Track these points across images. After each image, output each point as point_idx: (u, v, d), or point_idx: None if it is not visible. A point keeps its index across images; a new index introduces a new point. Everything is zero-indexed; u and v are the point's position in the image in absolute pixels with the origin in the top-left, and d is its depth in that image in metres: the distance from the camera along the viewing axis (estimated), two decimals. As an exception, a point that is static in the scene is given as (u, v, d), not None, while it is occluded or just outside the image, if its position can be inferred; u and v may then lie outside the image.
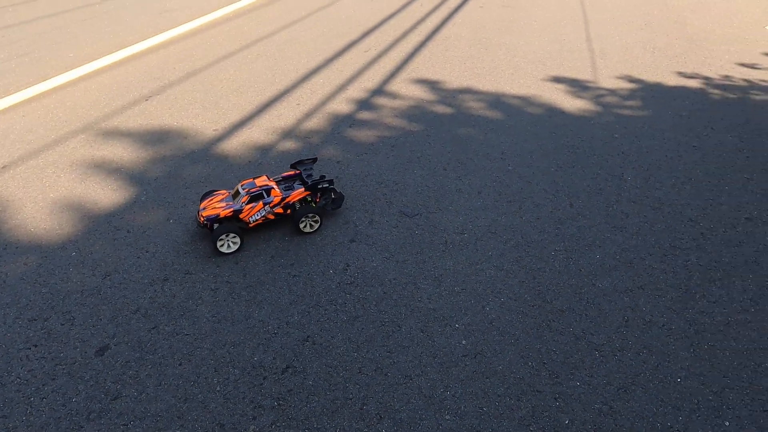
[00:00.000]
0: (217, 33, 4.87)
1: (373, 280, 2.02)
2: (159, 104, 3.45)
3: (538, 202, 2.51)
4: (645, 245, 2.23)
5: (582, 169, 2.79)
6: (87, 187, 2.57)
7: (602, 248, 2.21)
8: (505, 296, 1.95)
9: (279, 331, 1.80)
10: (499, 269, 2.09)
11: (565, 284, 2.01)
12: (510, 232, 2.30)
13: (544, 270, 2.08)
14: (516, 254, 2.17)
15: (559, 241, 2.24)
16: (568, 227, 2.34)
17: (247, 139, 3.04)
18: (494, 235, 2.28)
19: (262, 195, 2.18)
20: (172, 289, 1.96)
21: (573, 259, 2.15)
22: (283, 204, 2.22)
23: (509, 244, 2.22)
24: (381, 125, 3.22)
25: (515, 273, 2.07)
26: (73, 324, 1.81)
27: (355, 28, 5.09)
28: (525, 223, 2.36)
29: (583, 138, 3.10)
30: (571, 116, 3.37)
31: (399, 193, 2.56)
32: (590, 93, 3.71)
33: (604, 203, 2.50)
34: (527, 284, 2.01)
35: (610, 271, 2.08)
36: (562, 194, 2.57)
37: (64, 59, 4.17)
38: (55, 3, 5.77)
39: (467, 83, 3.85)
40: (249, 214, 2.16)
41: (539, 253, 2.17)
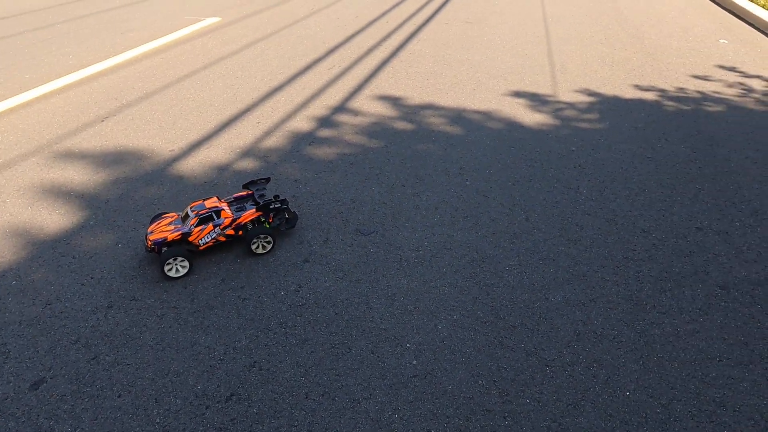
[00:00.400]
0: (179, 52, 4.83)
1: (325, 301, 1.99)
2: (115, 125, 3.38)
3: (494, 217, 2.51)
4: (598, 257, 2.24)
5: (539, 182, 2.81)
6: (34, 212, 2.49)
7: (556, 262, 2.21)
8: (458, 313, 1.94)
9: (225, 357, 1.75)
10: (453, 286, 2.07)
11: (518, 299, 2.01)
12: (465, 248, 2.30)
13: (497, 285, 2.08)
14: (470, 270, 2.16)
15: (513, 256, 2.25)
16: (524, 241, 2.34)
17: (205, 159, 2.99)
18: (449, 251, 2.27)
19: (212, 217, 2.14)
20: (115, 317, 1.90)
21: (527, 273, 2.15)
22: (234, 225, 2.18)
23: (464, 260, 2.22)
24: (341, 142, 3.21)
25: (469, 289, 2.06)
26: (8, 357, 1.74)
27: (320, 45, 5.10)
28: (480, 238, 2.36)
29: (541, 152, 3.14)
30: (530, 130, 3.41)
31: (356, 211, 2.54)
32: (549, 107, 3.76)
33: (559, 216, 2.52)
34: (480, 300, 2.00)
35: (563, 285, 2.08)
36: (519, 208, 2.58)
37: (19, 80, 4.08)
38: (15, 23, 5.66)
39: (429, 99, 3.87)
40: (198, 236, 2.11)
41: (494, 269, 2.17)
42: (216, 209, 2.15)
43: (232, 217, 2.17)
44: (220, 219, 2.15)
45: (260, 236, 2.17)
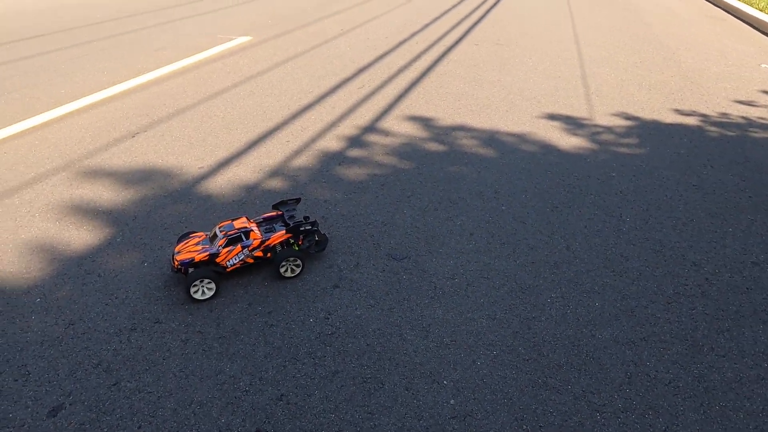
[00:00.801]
0: (211, 70, 4.86)
1: (355, 330, 1.88)
2: (145, 141, 3.37)
3: (533, 245, 2.39)
4: (647, 292, 2.10)
5: (578, 209, 2.69)
6: (61, 228, 2.46)
7: (601, 295, 2.08)
8: (497, 349, 1.81)
9: (251, 388, 1.65)
10: (491, 318, 1.95)
11: (562, 335, 1.87)
12: (503, 277, 2.17)
13: (539, 319, 1.95)
14: (509, 301, 2.04)
15: (555, 287, 2.12)
16: (565, 272, 2.21)
17: (233, 177, 2.94)
18: (487, 280, 2.15)
19: (241, 238, 2.06)
20: (138, 341, 1.82)
21: (570, 307, 2.01)
22: (263, 247, 2.10)
23: (502, 290, 2.09)
24: (371, 163, 3.14)
25: (509, 322, 1.93)
26: (28, 380, 1.67)
27: (349, 65, 5.09)
28: (519, 267, 2.24)
29: (579, 177, 3.01)
30: (567, 154, 3.29)
31: (387, 235, 2.44)
32: (586, 130, 3.64)
33: (602, 246, 2.39)
34: (521, 335, 1.87)
35: (611, 321, 1.94)
36: (558, 236, 2.46)
37: (55, 95, 4.14)
38: (53, 40, 5.80)
39: (461, 120, 3.79)
40: (226, 258, 2.04)
41: (534, 301, 2.04)
42: (245, 230, 2.08)
43: (261, 238, 2.10)
44: (249, 240, 2.08)
45: (289, 259, 2.09)
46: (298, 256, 2.10)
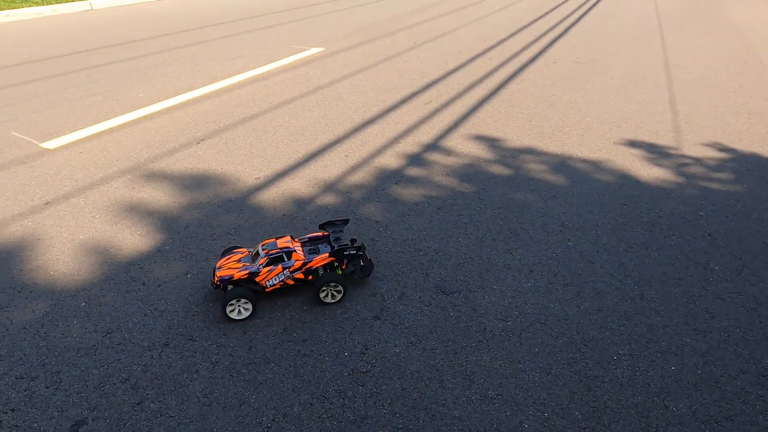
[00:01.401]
0: (281, 80, 4.92)
1: (392, 370, 1.73)
2: (209, 148, 3.42)
3: (600, 289, 2.13)
4: (736, 358, 1.79)
5: (658, 251, 2.38)
6: (117, 230, 2.50)
7: (679, 357, 1.79)
8: (550, 410, 1.59)
9: (273, 425, 1.54)
10: (545, 372, 1.73)
11: (629, 403, 1.62)
12: (563, 324, 1.94)
13: (602, 380, 1.70)
14: (568, 355, 1.80)
15: (623, 343, 1.85)
16: (637, 325, 1.94)
17: (287, 190, 2.90)
18: (543, 326, 1.93)
19: (282, 258, 1.98)
20: (169, 358, 1.77)
21: (641, 368, 1.75)
22: (305, 269, 2.01)
23: (561, 341, 1.86)
24: (429, 184, 2.99)
25: (565, 380, 1.70)
26: (59, 388, 1.66)
27: (418, 79, 4.97)
28: (582, 314, 1.99)
29: (660, 213, 2.69)
30: (648, 186, 2.97)
31: (438, 264, 2.28)
32: (671, 161, 3.29)
33: (683, 297, 2.08)
34: (580, 397, 1.64)
35: (689, 391, 1.66)
36: (632, 281, 2.18)
37: (133, 99, 4.33)
38: (138, 47, 6.14)
39: (530, 143, 3.55)
40: (266, 277, 1.96)
41: (598, 357, 1.79)
42: (287, 250, 1.99)
43: (303, 260, 2.00)
44: (291, 261, 1.99)
45: (330, 284, 1.97)
46: (340, 282, 1.98)
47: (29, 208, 2.69)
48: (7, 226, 2.54)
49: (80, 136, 3.56)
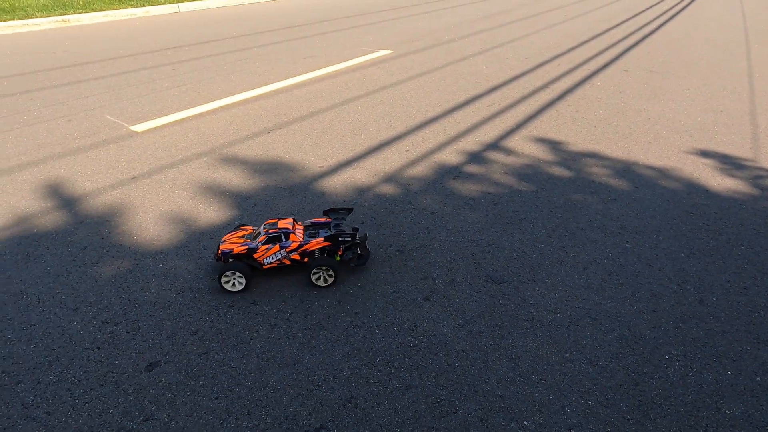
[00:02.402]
0: (348, 79, 5.10)
1: (438, 347, 1.79)
2: (278, 138, 3.63)
3: (657, 292, 2.09)
4: (801, 370, 1.71)
5: (722, 260, 2.30)
6: (193, 205, 2.72)
7: (737, 363, 1.74)
8: (594, 399, 1.60)
9: (323, 384, 1.65)
10: (592, 364, 1.73)
11: (678, 401, 1.59)
12: (614, 321, 1.93)
13: (651, 376, 1.68)
14: (617, 349, 1.79)
15: (677, 344, 1.82)
16: (693, 328, 1.89)
17: (349, 179, 3.03)
18: (594, 321, 1.92)
19: (281, 238, 2.08)
20: (233, 317, 1.93)
21: (694, 370, 1.71)
22: (301, 251, 2.09)
23: (611, 336, 1.85)
24: (487, 180, 3.02)
25: (612, 373, 1.69)
26: (137, 334, 1.85)
27: (483, 82, 5.00)
28: (636, 313, 1.97)
29: (729, 223, 2.59)
30: (717, 196, 2.85)
31: (490, 256, 2.31)
32: (746, 173, 3.14)
33: (746, 306, 2.01)
34: (626, 390, 1.63)
35: (745, 396, 1.61)
36: (691, 286, 2.12)
37: (213, 91, 4.65)
38: (219, 46, 6.56)
39: (594, 147, 3.50)
40: (264, 255, 2.07)
41: (648, 355, 1.77)
42: (285, 231, 2.08)
43: (300, 242, 2.08)
44: (288, 242, 2.08)
45: (323, 267, 2.04)
46: (331, 266, 2.03)
47: (119, 181, 2.98)
48: (100, 195, 2.82)
49: (165, 122, 3.88)
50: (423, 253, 2.32)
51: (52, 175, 3.04)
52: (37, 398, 1.59)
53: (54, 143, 3.50)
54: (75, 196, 2.82)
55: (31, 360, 1.74)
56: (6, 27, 7.87)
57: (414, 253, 2.32)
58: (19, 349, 1.78)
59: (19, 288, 2.08)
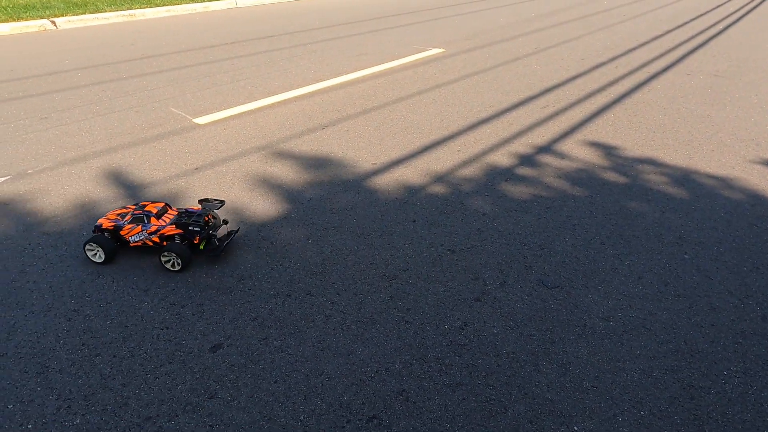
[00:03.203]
0: (401, 77, 5.15)
1: (488, 348, 1.82)
2: (332, 134, 3.72)
3: (716, 305, 2.04)
4: None
5: (789, 276, 2.21)
6: (251, 196, 2.84)
7: (801, 384, 1.68)
8: (647, 410, 1.59)
9: (376, 376, 1.70)
10: (645, 374, 1.71)
11: (736, 418, 1.56)
12: (670, 332, 1.90)
13: (707, 391, 1.65)
14: (672, 362, 1.77)
15: (737, 360, 1.77)
16: (755, 345, 1.84)
17: (400, 177, 3.08)
18: (648, 331, 1.90)
19: (143, 219, 2.26)
20: (291, 306, 2.02)
21: (754, 388, 1.67)
22: (159, 234, 2.24)
23: (666, 347, 1.83)
24: (540, 184, 3.00)
25: (667, 385, 1.67)
26: (202, 316, 1.96)
27: (536, 84, 4.94)
28: (693, 326, 1.93)
29: (797, 238, 2.48)
30: (785, 210, 2.73)
31: (542, 260, 2.31)
32: (818, 186, 2.98)
33: (814, 326, 1.93)
34: (681, 403, 1.61)
35: (809, 418, 1.56)
36: (754, 302, 2.06)
37: (270, 86, 4.80)
38: (276, 41, 6.73)
39: (651, 154, 3.41)
40: (129, 233, 2.26)
41: (706, 369, 1.74)
42: (148, 213, 2.26)
43: (158, 226, 2.24)
44: (149, 224, 2.25)
45: (173, 253, 2.16)
46: (179, 253, 2.15)
47: (183, 171, 3.14)
48: (165, 183, 2.99)
49: (225, 115, 4.04)
50: (474, 254, 2.35)
51: (124, 163, 3.24)
52: (113, 370, 1.73)
53: (124, 133, 3.72)
54: (144, 183, 2.99)
55: (107, 335, 1.88)
56: (78, 20, 8.35)
57: (465, 254, 2.35)
58: (97, 324, 1.93)
59: (95, 268, 2.25)
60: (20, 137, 3.64)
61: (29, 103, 4.36)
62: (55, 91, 4.68)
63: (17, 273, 2.21)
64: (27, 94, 4.58)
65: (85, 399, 1.62)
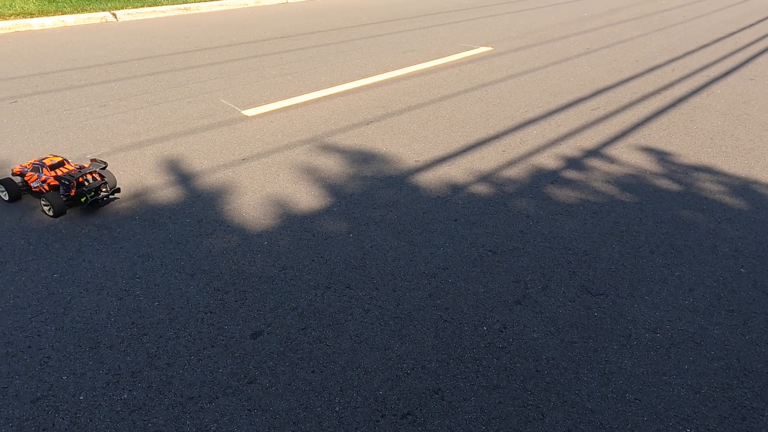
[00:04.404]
0: (447, 74, 5.11)
1: (527, 352, 1.79)
2: (376, 129, 3.73)
3: (774, 323, 1.93)
4: None
5: None
6: (296, 188, 2.89)
7: None
8: (694, 427, 1.52)
9: (412, 373, 1.70)
10: (693, 391, 1.64)
11: (791, 443, 1.48)
12: (722, 349, 1.81)
13: (762, 413, 1.57)
14: (723, 379, 1.69)
15: (794, 382, 1.68)
16: (815, 368, 1.73)
17: (443, 175, 3.06)
18: (698, 346, 1.82)
19: (39, 169, 2.65)
20: (330, 298, 2.04)
21: (812, 412, 1.57)
22: (47, 183, 2.61)
23: (717, 364, 1.74)
24: (587, 188, 2.92)
25: (716, 403, 1.60)
26: (244, 303, 2.01)
27: (587, 85, 4.80)
28: (747, 343, 1.83)
29: None
30: None
31: (587, 266, 2.25)
32: None
33: None
34: (731, 423, 1.54)
35: None
36: (816, 322, 1.93)
37: (316, 81, 4.86)
38: (324, 36, 6.81)
39: (708, 161, 3.26)
40: (30, 179, 2.67)
41: (760, 390, 1.65)
42: (42, 165, 2.65)
43: (47, 176, 2.62)
44: (42, 174, 2.64)
45: (47, 200, 2.51)
46: (50, 201, 2.50)
47: (231, 161, 3.22)
48: (214, 173, 3.08)
49: (272, 108, 4.12)
50: (516, 256, 2.31)
51: (175, 152, 3.36)
52: (159, 350, 1.79)
53: (176, 122, 3.85)
54: (194, 172, 3.09)
55: (155, 315, 1.95)
56: (137, 13, 8.69)
57: (507, 255, 2.31)
58: (146, 305, 2.01)
59: (146, 251, 2.34)
60: (81, 123, 3.82)
61: (90, 91, 4.57)
62: (113, 80, 4.90)
63: (74, 252, 2.33)
64: (88, 83, 4.81)
65: (132, 375, 1.69)
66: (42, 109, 4.10)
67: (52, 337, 1.85)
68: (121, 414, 1.56)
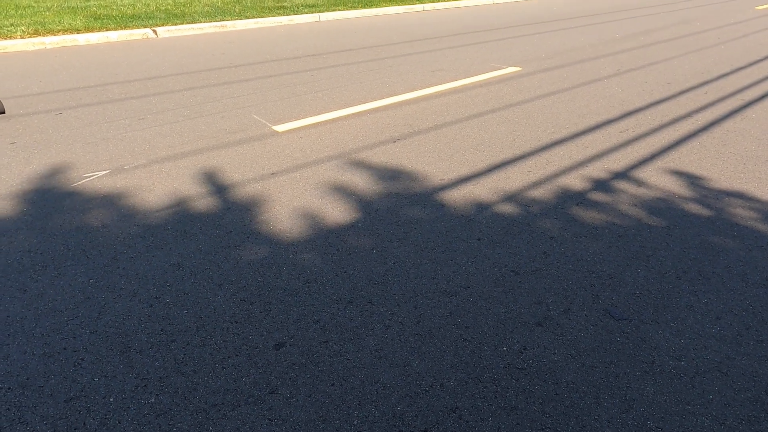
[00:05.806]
0: (475, 94, 5.15)
1: (547, 375, 1.78)
2: (403, 147, 3.78)
3: (805, 356, 1.88)
4: None
5: None
6: (322, 204, 2.95)
7: None
8: (716, 459, 1.49)
9: (431, 390, 1.72)
10: (718, 422, 1.61)
11: (820, 481, 1.43)
12: (750, 380, 1.77)
13: (789, 448, 1.53)
14: (751, 412, 1.65)
15: (826, 418, 1.62)
16: None
17: (468, 194, 3.08)
18: (724, 376, 1.78)
19: None
20: (351, 313, 2.08)
21: (844, 450, 1.52)
22: None
23: (744, 395, 1.71)
24: (613, 211, 2.90)
25: (741, 435, 1.56)
26: (268, 314, 2.07)
27: (616, 106, 4.77)
28: (776, 376, 1.79)
29: None
30: None
31: (610, 290, 2.23)
32: None
33: None
34: (756, 457, 1.50)
35: None
36: None
37: (346, 98, 4.96)
38: (354, 54, 6.95)
39: (741, 186, 3.19)
40: None
41: (788, 423, 1.61)
42: None
43: None
44: None
45: None
46: None
47: (260, 175, 3.32)
48: (244, 186, 3.17)
49: (302, 124, 4.23)
50: (538, 278, 2.30)
51: (208, 165, 3.47)
52: (186, 357, 1.86)
53: (210, 136, 3.98)
54: (225, 184, 3.19)
55: (183, 323, 2.02)
56: (176, 30, 9.04)
57: (529, 276, 2.31)
58: (174, 312, 2.08)
59: (177, 260, 2.43)
60: (120, 135, 4.00)
61: (130, 104, 4.78)
62: (152, 94, 5.10)
63: (110, 259, 2.44)
64: (128, 96, 5.02)
65: (160, 380, 1.76)
66: (85, 121, 4.31)
67: (86, 340, 1.94)
68: (148, 417, 1.62)
